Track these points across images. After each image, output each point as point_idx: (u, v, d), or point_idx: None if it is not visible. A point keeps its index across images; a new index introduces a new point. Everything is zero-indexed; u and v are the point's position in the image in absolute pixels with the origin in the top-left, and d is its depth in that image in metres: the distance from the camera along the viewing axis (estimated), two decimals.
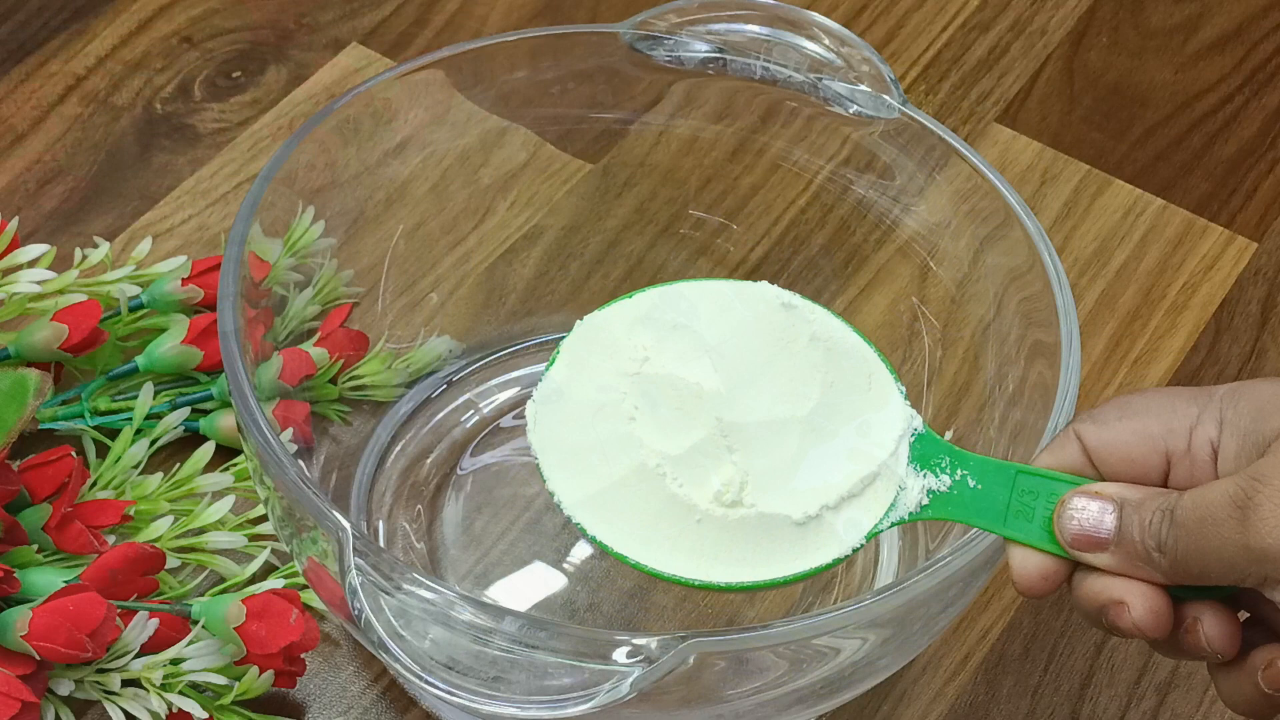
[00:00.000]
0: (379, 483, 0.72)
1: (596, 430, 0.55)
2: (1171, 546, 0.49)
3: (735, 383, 0.55)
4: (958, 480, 0.54)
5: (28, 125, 0.86)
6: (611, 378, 0.56)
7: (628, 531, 0.54)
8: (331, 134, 0.67)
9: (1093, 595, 0.51)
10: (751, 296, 0.58)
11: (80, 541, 0.65)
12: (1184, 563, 0.49)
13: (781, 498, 0.54)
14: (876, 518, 0.55)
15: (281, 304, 0.68)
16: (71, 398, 0.73)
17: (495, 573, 0.71)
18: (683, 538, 0.54)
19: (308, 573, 0.59)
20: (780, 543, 0.54)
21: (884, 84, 0.68)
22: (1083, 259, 0.83)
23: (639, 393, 0.55)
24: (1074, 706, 0.69)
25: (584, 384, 0.56)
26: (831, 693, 0.60)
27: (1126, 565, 0.50)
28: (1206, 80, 0.92)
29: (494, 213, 0.75)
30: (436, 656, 0.52)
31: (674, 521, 0.54)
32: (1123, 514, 0.50)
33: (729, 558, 0.54)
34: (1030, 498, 0.52)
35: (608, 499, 0.55)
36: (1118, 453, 0.52)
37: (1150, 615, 0.50)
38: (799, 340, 0.57)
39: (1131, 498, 0.50)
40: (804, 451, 0.55)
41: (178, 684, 0.63)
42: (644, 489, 0.54)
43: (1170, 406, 0.51)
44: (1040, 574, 0.52)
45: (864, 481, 0.55)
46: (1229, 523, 0.47)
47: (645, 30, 0.69)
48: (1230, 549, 0.47)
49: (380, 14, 0.92)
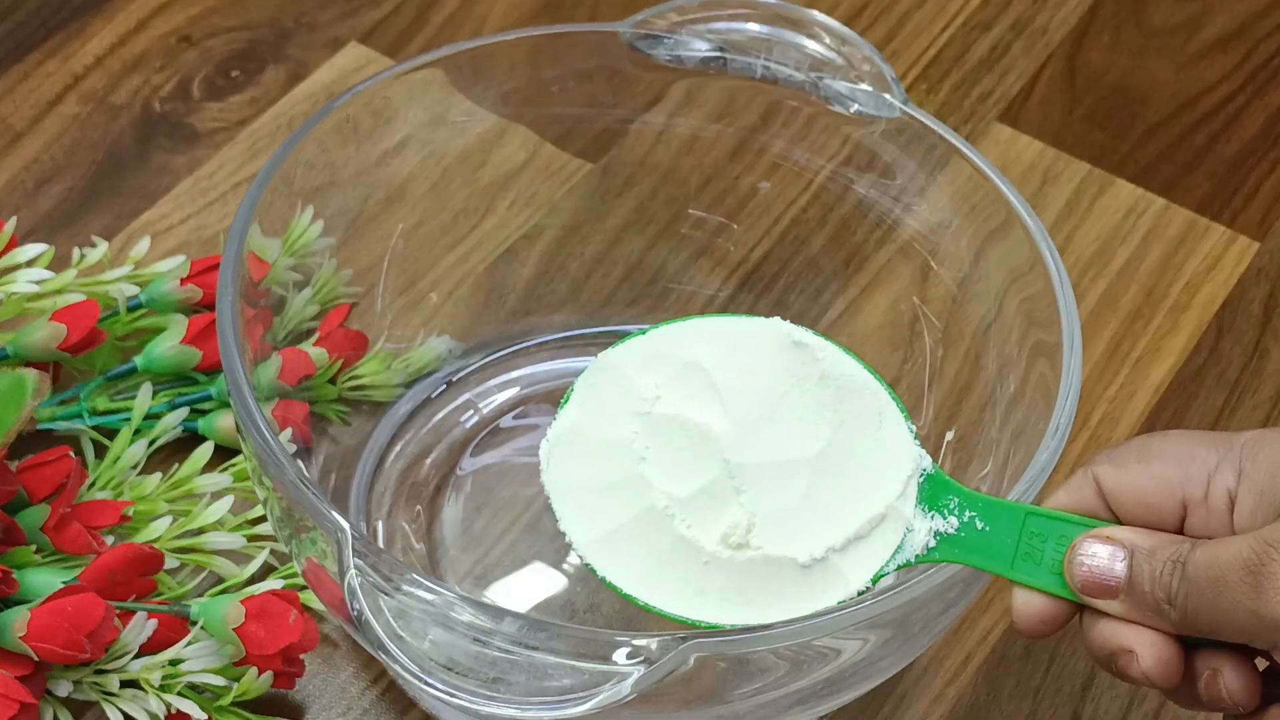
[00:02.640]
0: (378, 483, 0.72)
1: (608, 471, 0.56)
2: (1182, 602, 0.48)
3: (744, 423, 0.55)
4: (965, 522, 0.54)
5: (26, 124, 0.86)
6: (623, 417, 0.56)
7: (637, 572, 0.55)
8: (330, 133, 0.67)
9: (1102, 641, 0.51)
10: (762, 333, 0.58)
11: (79, 542, 0.65)
12: (1194, 619, 0.48)
13: (788, 540, 0.54)
14: (883, 560, 0.55)
15: (280, 304, 0.68)
16: (70, 398, 0.73)
17: (495, 573, 0.70)
18: (690, 579, 0.55)
19: (307, 573, 0.59)
20: (786, 585, 0.54)
21: (885, 83, 0.68)
22: (1084, 259, 0.83)
23: (649, 433, 0.56)
24: (1075, 708, 0.69)
25: (596, 423, 0.57)
26: (832, 694, 0.60)
27: (1136, 613, 0.50)
28: (1208, 79, 0.92)
29: (494, 212, 0.75)
30: (436, 657, 0.52)
31: (681, 563, 0.55)
32: (1134, 561, 0.50)
33: (736, 599, 0.54)
34: (1039, 540, 0.52)
35: (618, 539, 0.55)
36: (1134, 497, 0.51)
37: (1159, 665, 0.49)
38: (809, 379, 0.57)
39: (1143, 545, 0.50)
40: (812, 493, 0.55)
41: (176, 685, 0.63)
42: (653, 530, 0.55)
43: (1190, 453, 0.51)
44: (1040, 618, 0.52)
45: (871, 523, 0.55)
46: (1241, 586, 0.47)
47: (645, 29, 0.69)
48: (1241, 613, 0.47)
49: (379, 13, 0.92)
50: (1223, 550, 0.48)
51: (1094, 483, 0.52)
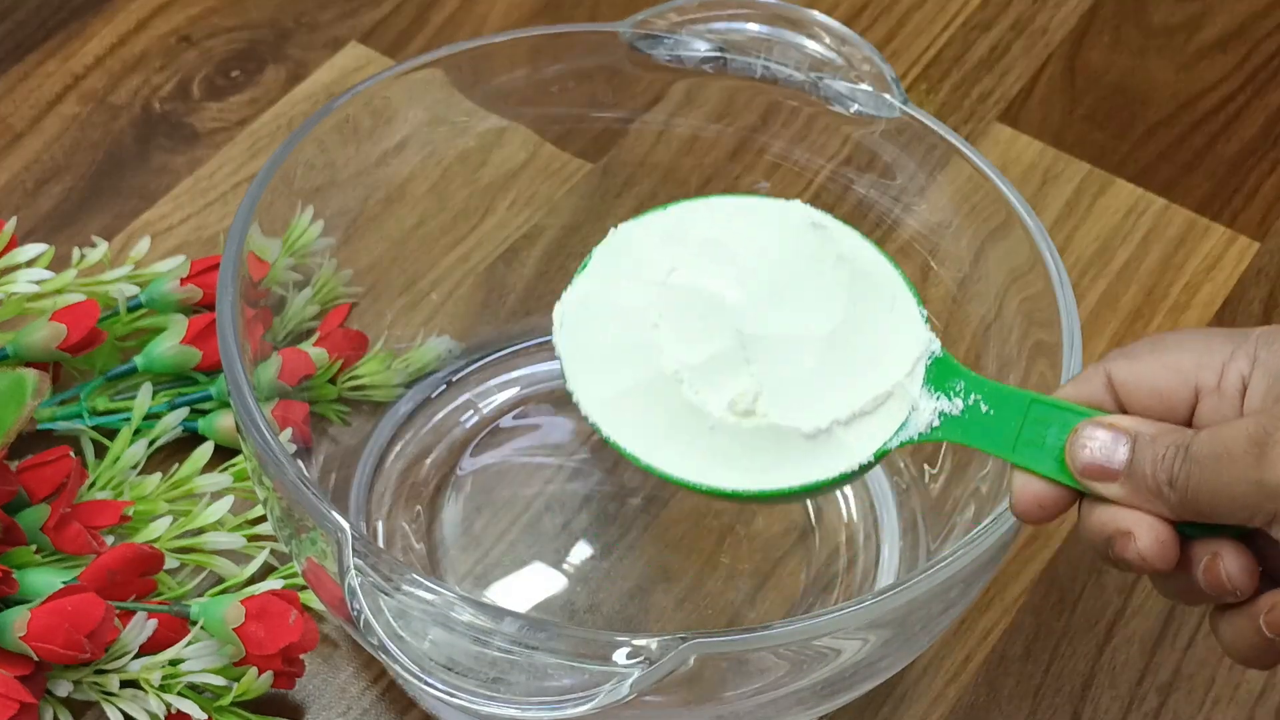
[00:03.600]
0: (378, 483, 0.72)
1: (620, 335, 0.57)
2: (1183, 481, 0.49)
3: (759, 297, 0.56)
4: (970, 405, 0.55)
5: (26, 124, 0.86)
6: (638, 285, 0.57)
7: (642, 435, 0.56)
8: (330, 133, 0.67)
9: (1100, 525, 0.51)
10: (782, 214, 0.58)
11: (79, 542, 0.65)
12: (1194, 497, 0.49)
13: (794, 410, 0.55)
14: (887, 435, 0.55)
15: (280, 304, 0.68)
16: (70, 398, 0.73)
17: (495, 573, 0.70)
18: (695, 444, 0.55)
19: (307, 573, 0.59)
20: (790, 454, 0.55)
21: (885, 83, 0.68)
22: (1084, 259, 0.83)
23: (664, 301, 0.56)
24: (1075, 707, 0.69)
25: (611, 291, 0.57)
26: (832, 694, 0.60)
27: (1135, 497, 0.50)
28: (1208, 79, 0.92)
29: (494, 212, 0.75)
30: (436, 657, 0.52)
31: (687, 428, 0.55)
32: (1136, 445, 0.50)
33: (739, 465, 0.55)
34: (1042, 426, 0.52)
35: (625, 402, 0.56)
36: (1146, 384, 0.52)
37: (1156, 545, 0.50)
38: (826, 259, 0.57)
39: (1146, 431, 0.50)
40: (821, 367, 0.56)
41: (176, 685, 0.63)
42: (661, 394, 0.55)
43: (1205, 343, 0.52)
44: (1039, 501, 0.52)
45: (877, 400, 0.56)
46: (1245, 459, 0.47)
47: (645, 29, 0.69)
48: (1243, 485, 0.47)
49: (379, 13, 0.92)
50: (1228, 429, 0.48)
51: (1105, 376, 0.52)
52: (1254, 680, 0.69)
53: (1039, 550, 0.73)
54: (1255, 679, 0.69)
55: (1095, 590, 0.72)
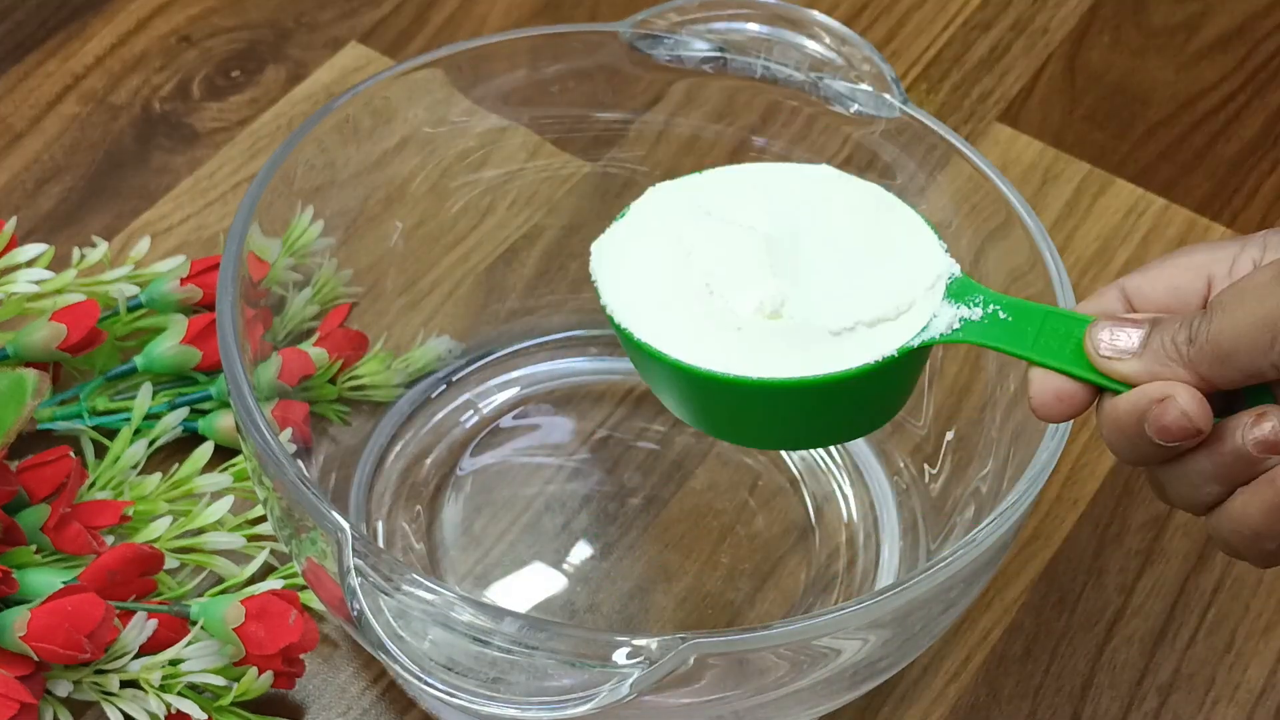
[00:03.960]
0: (378, 483, 0.72)
1: (653, 257, 0.59)
2: (1203, 332, 0.49)
3: (786, 225, 0.59)
4: (989, 313, 0.56)
5: (26, 124, 0.86)
6: (672, 222, 0.60)
7: (670, 336, 0.57)
8: (330, 133, 0.67)
9: (1132, 404, 0.51)
10: (811, 170, 0.62)
11: (78, 542, 0.65)
12: (1215, 341, 0.49)
13: (820, 312, 0.57)
14: (910, 335, 0.56)
15: (280, 304, 0.68)
16: (70, 398, 0.73)
17: (495, 573, 0.70)
18: (721, 343, 0.56)
19: (307, 573, 0.59)
20: (815, 348, 0.56)
21: (885, 83, 0.68)
22: (1084, 259, 0.83)
23: (696, 231, 0.59)
24: (1076, 707, 0.69)
25: (646, 230, 0.60)
26: (832, 694, 0.60)
27: (1155, 364, 0.51)
28: (1208, 79, 0.92)
29: (494, 213, 0.75)
30: (436, 658, 0.52)
31: (715, 329, 0.56)
32: (1151, 325, 0.51)
33: (765, 360, 0.56)
34: (1059, 330, 0.54)
35: (654, 306, 0.57)
36: (1161, 284, 0.53)
37: (1196, 402, 0.50)
38: (853, 195, 0.60)
39: (1162, 318, 0.52)
40: (844, 279, 0.58)
41: (176, 685, 0.63)
42: (689, 299, 0.57)
43: (1215, 246, 0.53)
44: (1057, 394, 0.53)
45: (899, 309, 0.57)
46: (1266, 289, 0.48)
47: (645, 29, 0.69)
48: (1263, 317, 0.48)
49: (379, 13, 0.92)
50: (1249, 275, 0.49)
51: (1119, 291, 0.53)
52: (1254, 680, 0.69)
53: (1039, 550, 0.73)
54: (1255, 679, 0.69)
55: (1095, 590, 0.72)
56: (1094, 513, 0.74)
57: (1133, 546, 0.73)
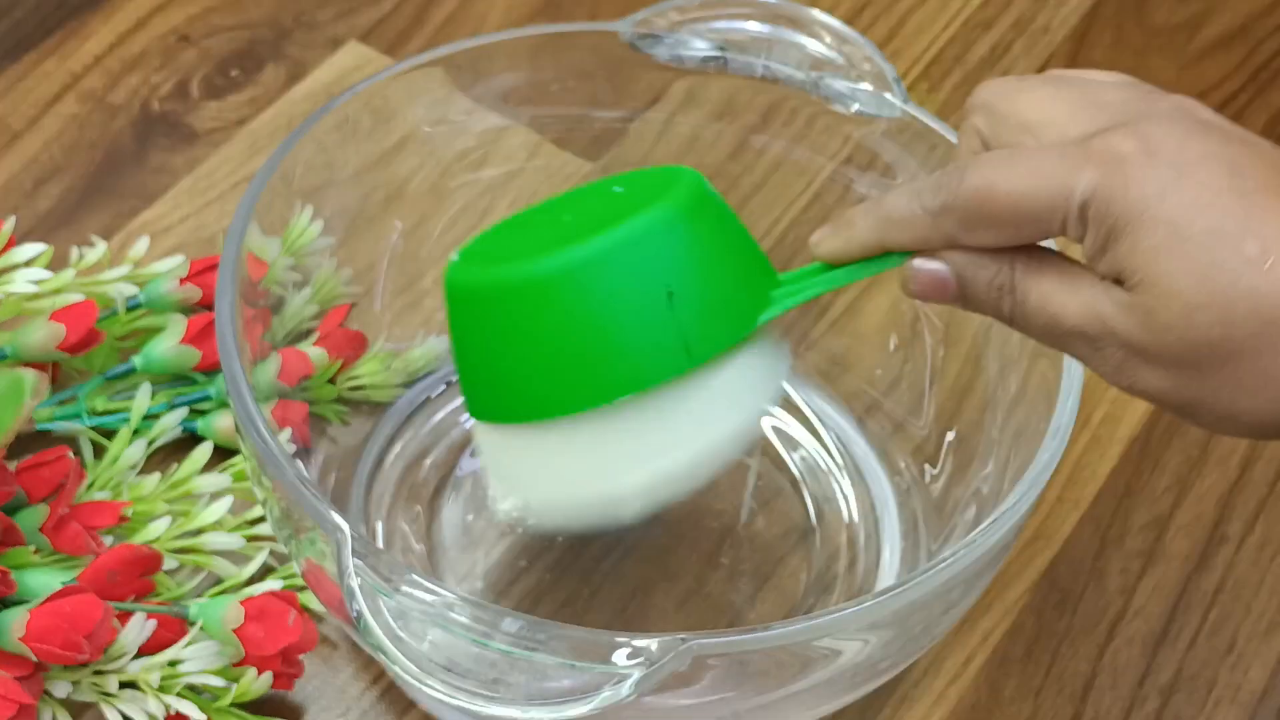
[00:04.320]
0: (377, 484, 0.72)
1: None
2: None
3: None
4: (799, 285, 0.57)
5: (24, 124, 0.86)
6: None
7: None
8: (330, 133, 0.67)
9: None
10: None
11: (77, 543, 0.65)
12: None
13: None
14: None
15: (279, 304, 0.68)
16: (68, 398, 0.73)
17: (494, 574, 0.70)
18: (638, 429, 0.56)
19: (306, 574, 0.59)
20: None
21: (886, 82, 0.68)
22: None
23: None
24: (1076, 708, 0.68)
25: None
26: (832, 695, 0.60)
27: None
28: (1210, 79, 0.91)
29: (494, 212, 0.75)
30: (435, 658, 0.52)
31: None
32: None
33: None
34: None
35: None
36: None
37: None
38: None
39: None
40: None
41: (175, 686, 0.63)
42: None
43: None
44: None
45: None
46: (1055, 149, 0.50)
47: (645, 28, 0.69)
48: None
49: (379, 12, 0.92)
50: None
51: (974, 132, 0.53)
52: (1256, 681, 0.69)
53: (1040, 551, 0.72)
54: (1257, 680, 0.69)
55: (1096, 591, 0.72)
56: (1095, 513, 0.74)
57: (1134, 547, 0.73)
